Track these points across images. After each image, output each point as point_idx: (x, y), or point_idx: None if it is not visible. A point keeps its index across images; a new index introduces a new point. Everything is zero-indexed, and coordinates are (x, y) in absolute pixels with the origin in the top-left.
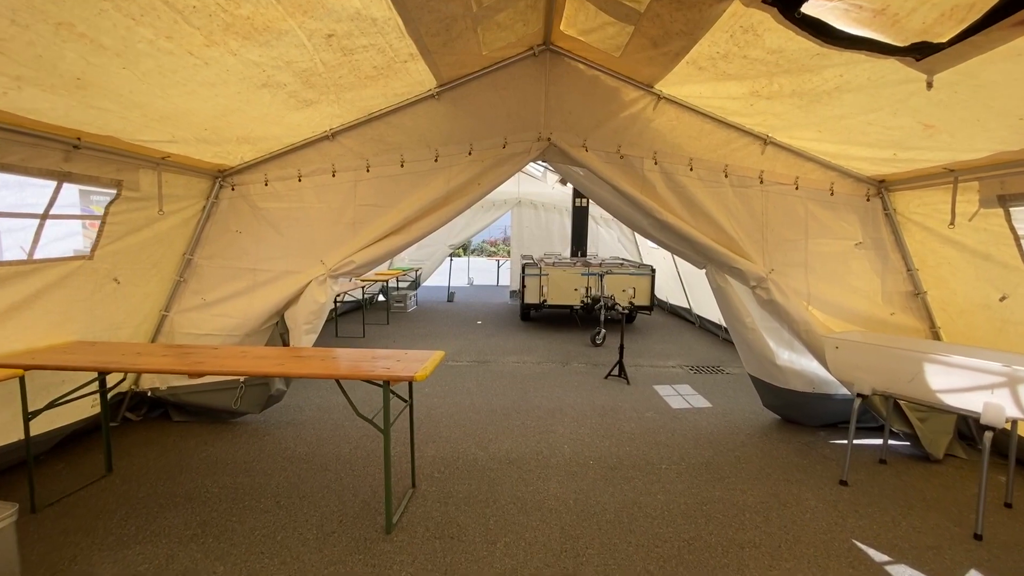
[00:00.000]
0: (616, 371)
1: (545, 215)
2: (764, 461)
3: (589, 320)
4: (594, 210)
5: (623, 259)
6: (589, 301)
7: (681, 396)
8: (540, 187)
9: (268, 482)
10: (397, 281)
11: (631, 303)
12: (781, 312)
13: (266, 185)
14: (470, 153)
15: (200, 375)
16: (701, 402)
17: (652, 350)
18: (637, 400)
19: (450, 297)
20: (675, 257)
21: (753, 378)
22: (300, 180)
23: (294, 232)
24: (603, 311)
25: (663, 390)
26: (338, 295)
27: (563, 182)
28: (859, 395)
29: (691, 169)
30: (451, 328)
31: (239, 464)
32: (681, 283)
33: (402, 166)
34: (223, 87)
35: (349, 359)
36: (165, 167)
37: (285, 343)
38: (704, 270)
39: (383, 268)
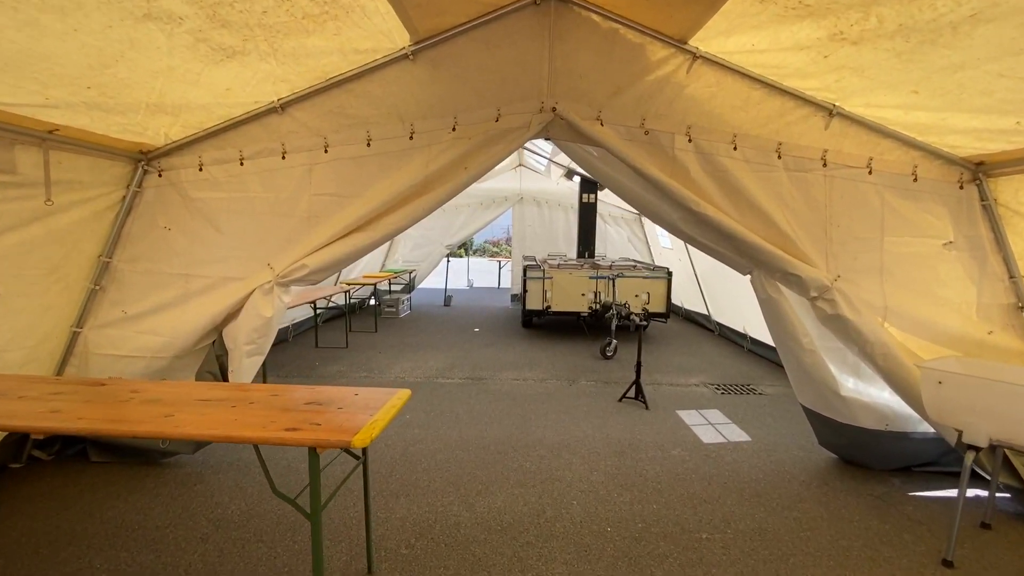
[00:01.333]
0: (632, 392)
1: (549, 213)
2: (835, 526)
3: (598, 328)
4: (602, 207)
5: (635, 260)
6: (599, 308)
7: (712, 426)
8: (543, 183)
9: (177, 562)
10: (390, 284)
11: (645, 309)
12: (850, 330)
13: (201, 170)
14: (454, 129)
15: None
16: (737, 434)
17: (670, 364)
18: (660, 431)
19: (447, 301)
20: (692, 258)
21: (807, 410)
22: (242, 163)
23: (236, 229)
24: (615, 320)
25: (689, 417)
26: (322, 300)
27: (569, 176)
28: (971, 447)
29: (734, 148)
30: (445, 336)
31: (149, 530)
32: (699, 287)
33: (368, 145)
34: (82, 17)
35: (269, 406)
36: (55, 144)
37: (223, 368)
38: (749, 276)
39: (375, 269)
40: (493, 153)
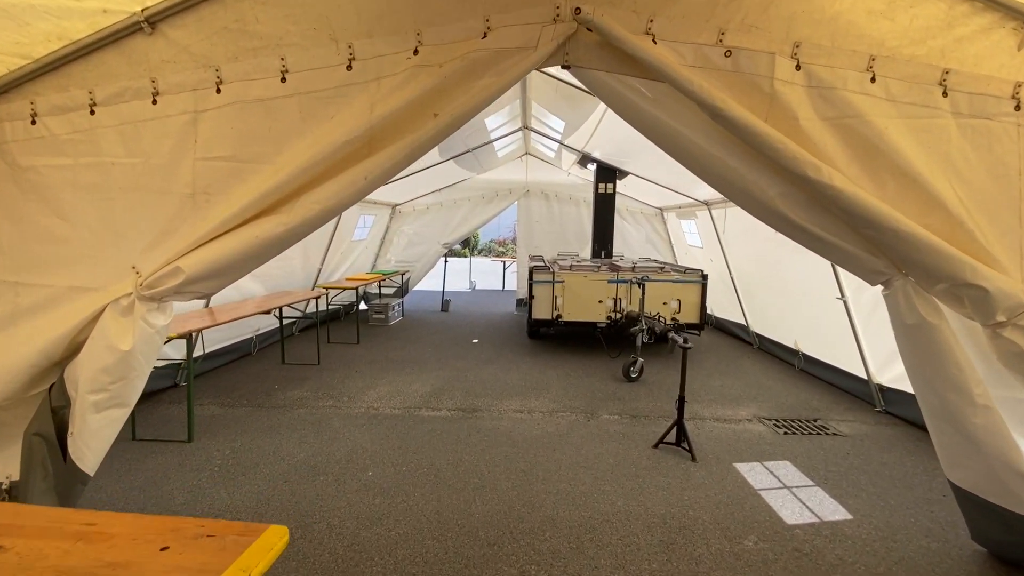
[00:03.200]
0: (673, 435)
1: (559, 207)
2: None
3: (618, 340)
4: (619, 201)
5: (658, 261)
6: (621, 319)
7: (789, 491)
8: (553, 173)
9: None
10: (380, 287)
11: (674, 319)
12: None
13: (33, 123)
14: (416, 52)
15: None
16: (829, 507)
17: (708, 388)
18: (718, 501)
19: (444, 306)
20: (728, 259)
21: (963, 492)
22: (93, 112)
23: (86, 212)
24: (643, 335)
25: (753, 474)
26: (296, 308)
27: (583, 162)
28: None
29: (872, 79)
30: (437, 349)
31: None
32: (736, 292)
33: (284, 81)
34: None
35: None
36: None
37: (62, 428)
38: (881, 288)
39: (362, 270)
40: (478, 90)
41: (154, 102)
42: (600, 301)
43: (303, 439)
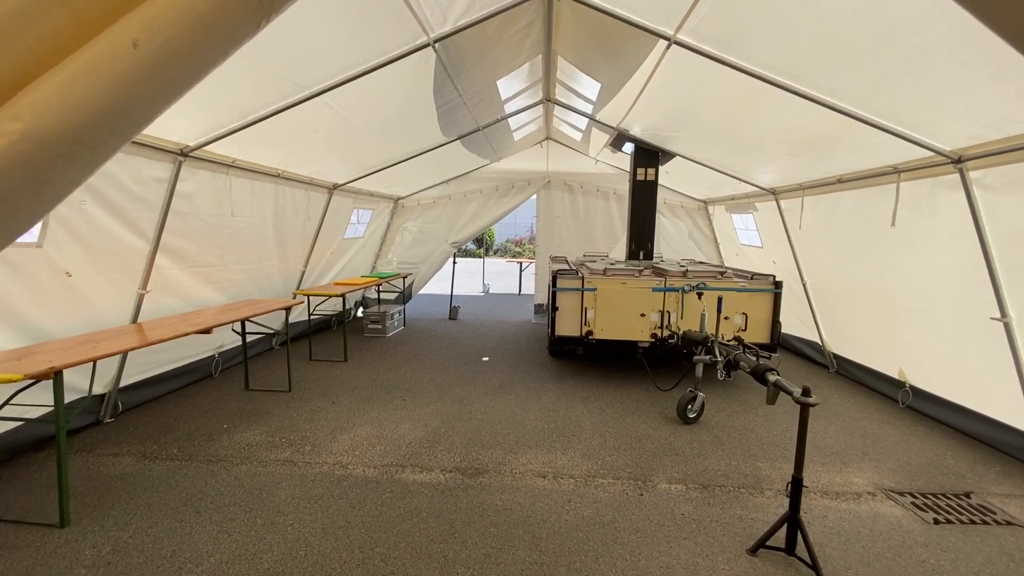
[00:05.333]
0: (782, 538)
1: (584, 201)
2: None
3: (662, 363)
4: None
5: (715, 264)
6: (675, 340)
7: None
8: (577, 161)
9: None
10: (378, 292)
11: (737, 338)
12: None
13: None
14: None
15: None
16: None
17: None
18: None
19: (452, 313)
20: (799, 262)
21: None
22: None
23: None
24: (706, 363)
25: None
26: (274, 319)
27: (617, 144)
28: None
29: None
30: (439, 371)
31: None
32: (808, 302)
33: None
34: None
35: None
36: None
37: None
38: None
39: (357, 272)
40: None
41: None
42: (642, 315)
43: (227, 523)
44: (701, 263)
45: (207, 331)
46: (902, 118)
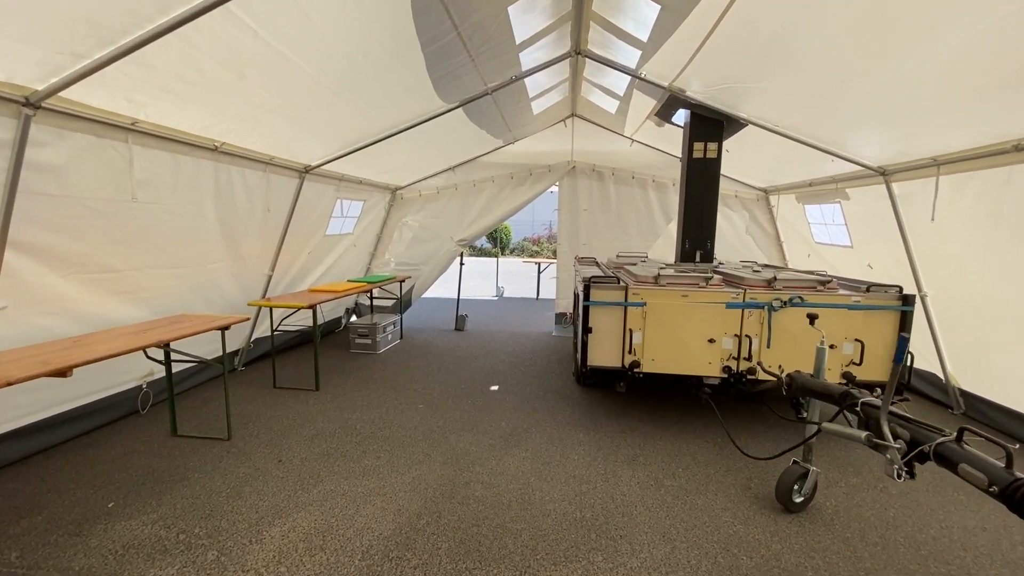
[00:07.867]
0: None
1: (616, 190)
2: None
3: (734, 404)
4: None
5: (813, 274)
6: (785, 384)
7: None
8: (608, 142)
9: None
10: (371, 298)
11: (848, 374)
12: None
13: None
14: None
15: None
16: None
17: (966, 534)
18: None
19: (459, 322)
20: (916, 264)
21: None
22: None
23: None
24: (846, 438)
25: None
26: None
27: (665, 115)
28: None
29: None
30: (432, 407)
31: None
32: (928, 318)
33: None
34: None
35: None
36: None
37: None
38: None
39: (345, 276)
40: None
41: None
42: (711, 340)
43: None
44: (770, 266)
45: (61, 374)
46: None
